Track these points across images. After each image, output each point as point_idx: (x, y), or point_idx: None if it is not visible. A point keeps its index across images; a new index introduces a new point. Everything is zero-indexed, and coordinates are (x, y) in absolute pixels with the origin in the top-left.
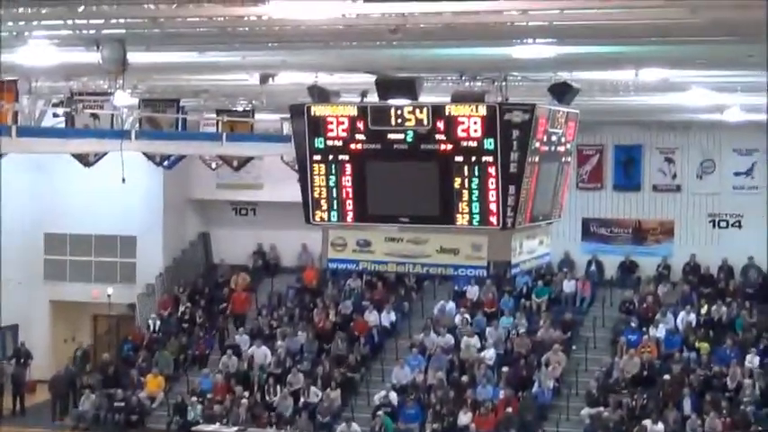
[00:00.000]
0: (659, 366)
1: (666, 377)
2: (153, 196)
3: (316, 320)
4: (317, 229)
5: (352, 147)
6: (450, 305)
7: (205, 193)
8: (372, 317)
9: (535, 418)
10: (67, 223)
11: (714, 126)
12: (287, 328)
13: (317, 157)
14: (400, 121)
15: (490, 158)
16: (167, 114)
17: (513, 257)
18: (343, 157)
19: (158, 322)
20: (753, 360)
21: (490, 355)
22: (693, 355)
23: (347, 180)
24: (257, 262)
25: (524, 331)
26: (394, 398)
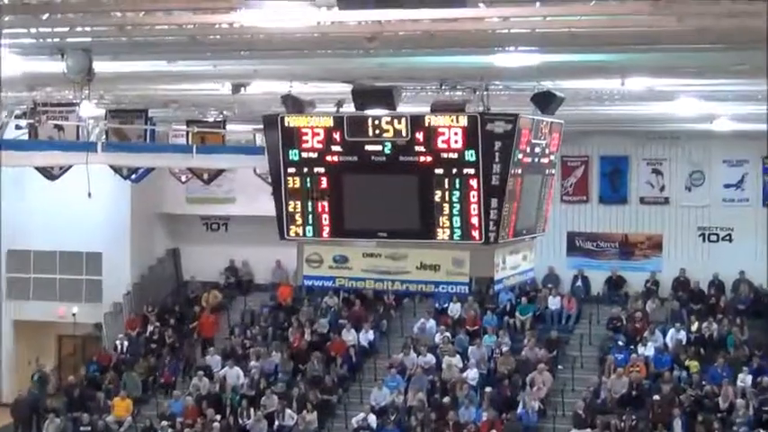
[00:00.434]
0: (648, 386)
1: (656, 397)
2: (120, 211)
3: (291, 340)
4: (291, 245)
5: (327, 159)
6: (431, 323)
7: (174, 208)
8: (350, 336)
9: None
10: (31, 239)
11: (703, 136)
12: (260, 348)
13: (291, 170)
14: (378, 132)
15: (471, 171)
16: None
17: (495, 273)
18: (319, 170)
19: (126, 343)
20: (745, 379)
21: (473, 376)
22: (684, 374)
23: (323, 194)
24: (229, 279)
25: (508, 350)
26: (373, 420)
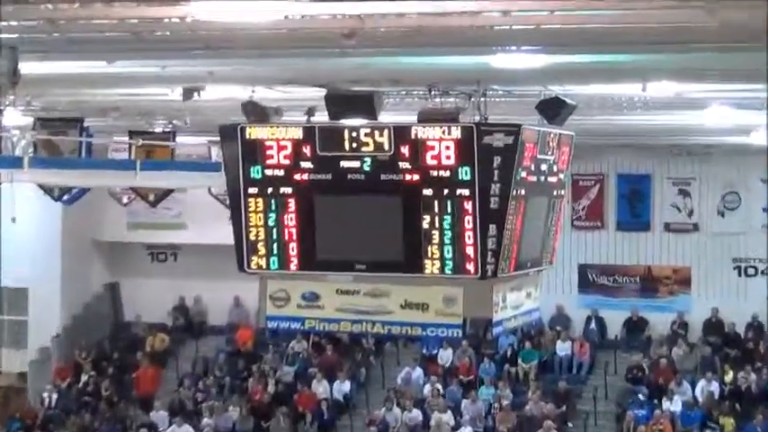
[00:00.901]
0: None
1: None
2: (50, 238)
3: (251, 392)
4: (252, 279)
5: (296, 177)
6: (418, 372)
7: (114, 235)
8: (321, 388)
9: None
10: None
11: (738, 151)
12: (215, 402)
13: (253, 190)
14: (356, 145)
15: (466, 191)
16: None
17: (494, 313)
18: (286, 190)
19: (55, 395)
20: None
21: None
22: None
23: (290, 218)
24: (178, 320)
25: (509, 405)
26: None
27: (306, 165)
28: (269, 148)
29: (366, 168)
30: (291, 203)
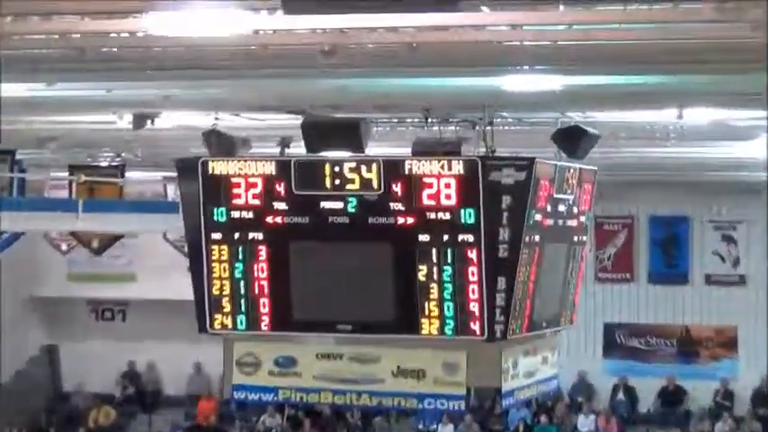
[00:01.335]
0: None
1: None
2: None
3: None
4: (216, 342)
5: (268, 221)
6: None
7: (52, 289)
8: None
9: None
10: None
11: None
12: None
13: (216, 236)
14: (339, 182)
15: (470, 237)
16: None
17: (504, 382)
18: (256, 236)
19: None
20: None
21: None
22: None
23: (261, 269)
24: (128, 389)
25: None
26: None
27: (279, 206)
28: (235, 185)
29: (351, 210)
30: (262, 252)
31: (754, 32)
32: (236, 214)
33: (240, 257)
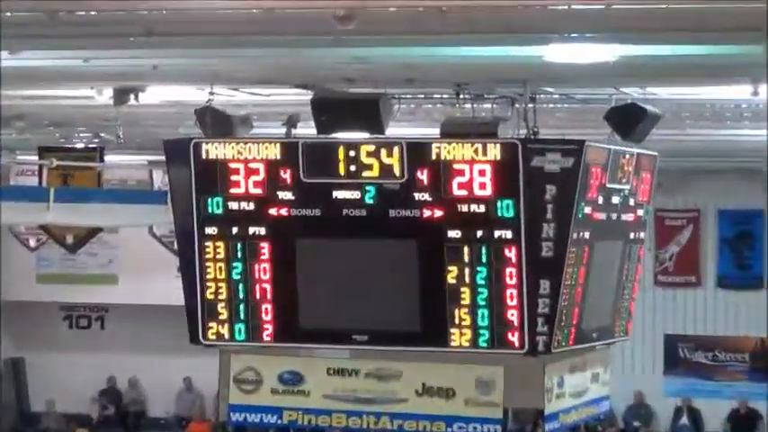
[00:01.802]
0: None
1: None
2: None
3: None
4: (210, 354)
5: (271, 213)
6: None
7: (19, 292)
8: None
9: None
10: None
11: None
12: None
13: (211, 231)
14: (354, 168)
15: (508, 234)
16: None
17: (547, 403)
18: (258, 231)
19: None
20: None
21: None
22: None
23: (264, 270)
24: (107, 409)
25: None
26: None
27: (285, 196)
28: (233, 172)
29: (368, 201)
30: (265, 249)
31: None
32: (234, 205)
33: (239, 256)
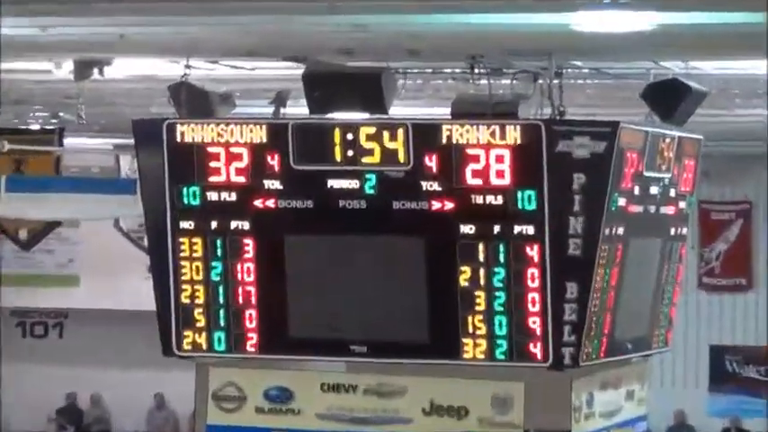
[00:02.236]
0: None
1: None
2: None
3: None
4: (185, 367)
5: (256, 205)
6: None
7: None
8: None
9: None
10: None
11: None
12: None
13: (187, 225)
14: (352, 154)
15: (529, 229)
16: None
17: (574, 423)
18: (240, 225)
19: None
20: None
21: None
22: None
23: (247, 270)
24: (65, 429)
25: None
26: None
27: (272, 185)
28: (213, 157)
29: (369, 191)
30: (249, 247)
31: None
32: (213, 196)
33: (219, 254)
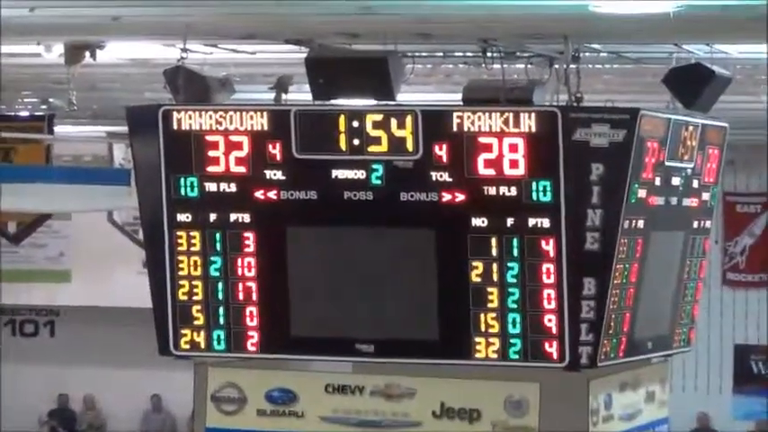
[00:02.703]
0: None
1: None
2: None
3: None
4: (183, 367)
5: (257, 196)
6: None
7: None
8: None
9: None
10: None
11: None
12: None
13: (184, 217)
14: (358, 142)
15: (545, 222)
16: None
17: (592, 426)
18: (240, 218)
19: None
20: None
21: None
22: None
23: (248, 265)
24: (57, 431)
25: None
26: None
27: (274, 175)
28: (211, 146)
29: (375, 182)
30: (249, 240)
31: None
32: (211, 187)
33: (218, 248)
